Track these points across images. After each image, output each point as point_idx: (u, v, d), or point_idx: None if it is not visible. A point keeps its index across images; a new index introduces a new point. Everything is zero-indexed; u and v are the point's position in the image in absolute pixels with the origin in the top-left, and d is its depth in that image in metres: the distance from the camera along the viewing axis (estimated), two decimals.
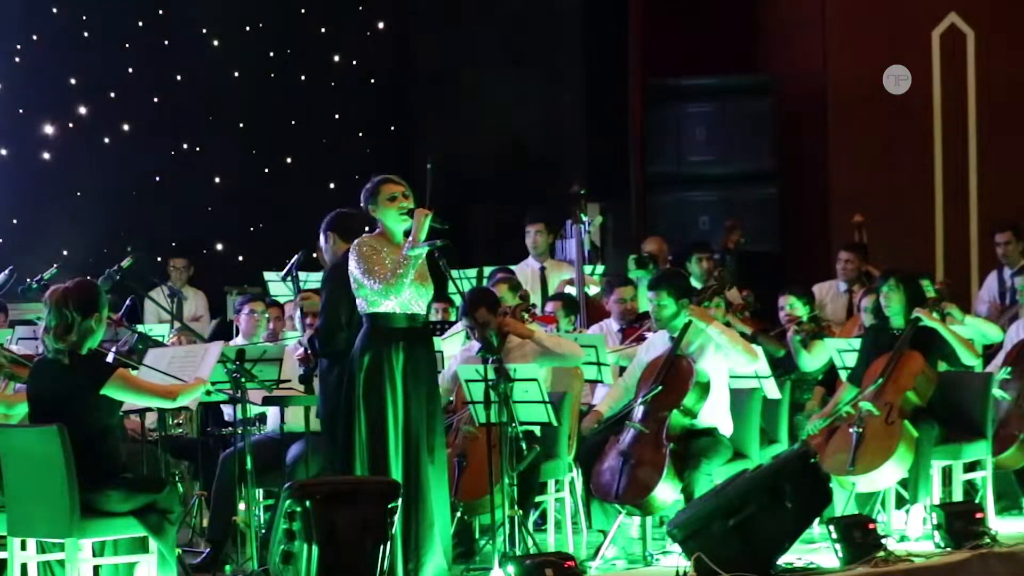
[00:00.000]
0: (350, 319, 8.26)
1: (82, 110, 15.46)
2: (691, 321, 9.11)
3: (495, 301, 9.47)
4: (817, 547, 8.93)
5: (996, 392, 9.84)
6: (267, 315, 10.70)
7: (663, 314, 9.21)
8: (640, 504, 8.80)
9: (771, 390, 9.74)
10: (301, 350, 9.49)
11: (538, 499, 9.22)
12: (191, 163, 15.78)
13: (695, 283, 12.23)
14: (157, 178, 15.68)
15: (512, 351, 9.24)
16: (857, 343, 9.90)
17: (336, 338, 8.40)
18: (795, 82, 15.62)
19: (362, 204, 8.14)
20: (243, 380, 8.54)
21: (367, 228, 8.31)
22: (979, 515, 9.00)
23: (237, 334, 10.83)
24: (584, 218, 12.48)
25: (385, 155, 15.72)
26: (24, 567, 7.54)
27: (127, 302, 11.71)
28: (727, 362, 9.07)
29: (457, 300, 11.24)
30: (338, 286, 8.34)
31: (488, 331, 9.12)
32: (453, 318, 11.38)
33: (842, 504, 9.29)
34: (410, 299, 7.95)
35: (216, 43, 15.93)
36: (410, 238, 7.93)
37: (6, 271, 12.32)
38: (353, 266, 7.97)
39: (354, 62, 16.26)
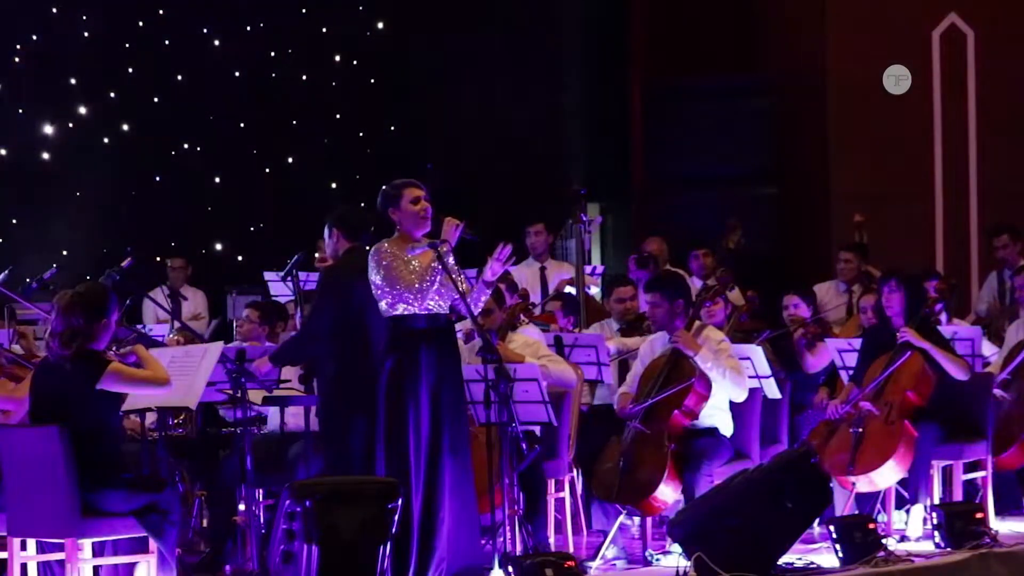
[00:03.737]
0: (334, 328, 8.27)
1: (82, 110, 15.47)
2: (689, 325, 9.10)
3: (500, 295, 9.48)
4: (817, 547, 8.93)
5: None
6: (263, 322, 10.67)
7: (659, 316, 9.20)
8: (640, 504, 8.80)
9: (771, 390, 9.74)
10: None
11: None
12: (191, 163, 15.78)
13: (696, 280, 12.25)
14: (157, 178, 15.69)
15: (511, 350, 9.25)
16: (857, 343, 9.89)
17: (302, 350, 8.47)
18: (795, 82, 15.63)
19: (380, 205, 8.08)
20: (243, 380, 8.55)
21: (372, 227, 8.31)
22: (979, 515, 9.00)
23: (237, 335, 10.83)
24: (584, 218, 12.50)
25: (385, 155, 15.72)
26: (24, 567, 7.54)
27: (127, 302, 11.71)
28: (718, 387, 9.03)
29: None
30: (329, 290, 8.34)
31: (487, 325, 9.12)
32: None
33: (842, 504, 9.29)
34: (431, 300, 7.93)
35: (216, 43, 15.93)
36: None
37: (6, 271, 12.32)
38: (374, 272, 7.95)
39: (354, 62, 16.27)
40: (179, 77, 15.75)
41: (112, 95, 15.58)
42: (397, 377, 7.90)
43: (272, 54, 16.03)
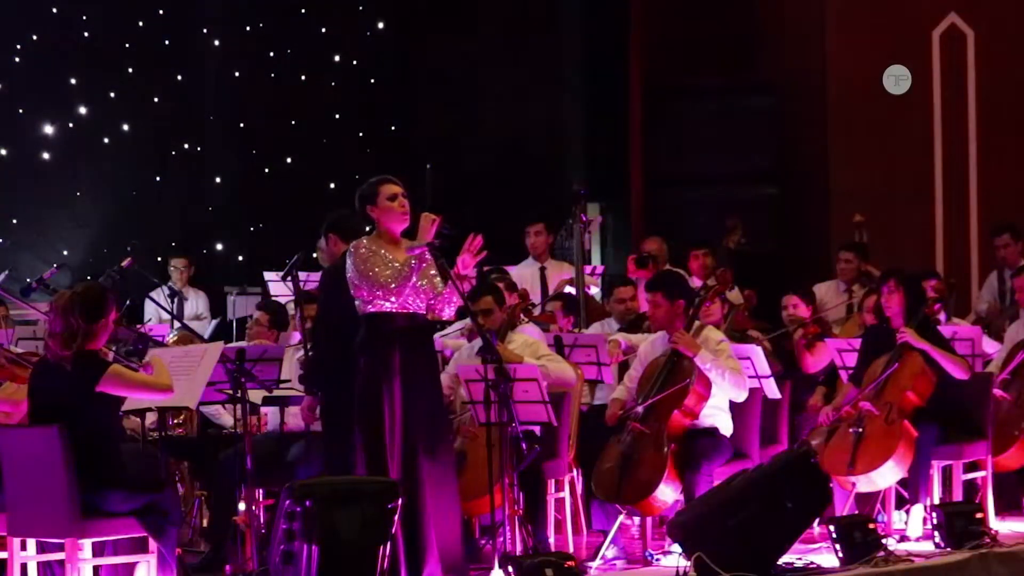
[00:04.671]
0: (345, 325, 8.26)
1: (82, 110, 15.48)
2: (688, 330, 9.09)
3: (502, 295, 9.49)
4: (817, 547, 8.93)
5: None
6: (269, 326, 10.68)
7: (659, 317, 9.20)
8: (640, 504, 8.80)
9: (771, 390, 9.74)
10: (302, 351, 9.49)
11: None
12: (191, 163, 15.79)
13: (696, 280, 12.24)
14: (157, 178, 15.70)
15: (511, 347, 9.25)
16: (857, 343, 9.89)
17: (318, 371, 8.45)
18: (795, 82, 15.62)
19: (358, 205, 8.05)
20: (243, 380, 8.55)
21: (368, 229, 8.30)
22: (979, 515, 9.00)
23: (237, 334, 10.84)
24: (584, 218, 12.49)
25: (385, 155, 15.73)
26: (24, 567, 7.54)
27: (127, 302, 11.71)
28: (717, 388, 9.03)
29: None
30: (334, 290, 8.33)
31: (488, 325, 9.13)
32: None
33: (842, 504, 9.29)
34: (409, 299, 7.91)
35: (216, 43, 15.94)
36: (417, 239, 7.90)
37: (6, 271, 12.33)
38: (350, 269, 7.93)
39: (354, 62, 16.27)
40: (179, 77, 15.76)
41: (112, 95, 15.58)
42: (371, 376, 7.86)
43: (272, 54, 16.03)
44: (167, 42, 15.68)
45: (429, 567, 7.78)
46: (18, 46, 15.24)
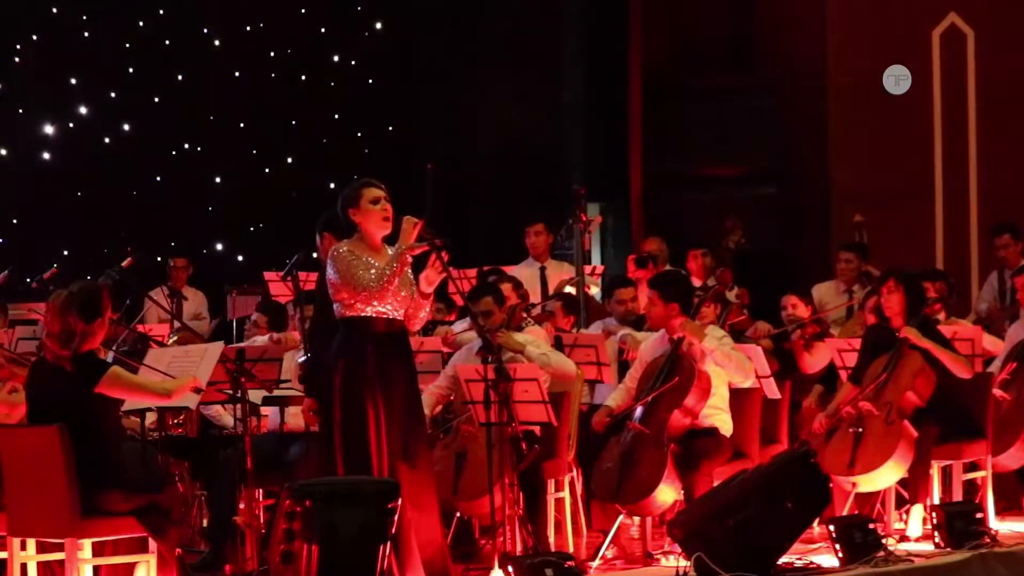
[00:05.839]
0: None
1: (82, 110, 15.48)
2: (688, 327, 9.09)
3: (501, 295, 9.49)
4: (817, 547, 8.93)
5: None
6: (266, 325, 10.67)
7: (654, 315, 9.21)
8: (640, 504, 8.80)
9: (771, 390, 9.73)
10: (302, 353, 9.48)
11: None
12: (191, 163, 15.80)
13: (695, 280, 12.24)
14: (157, 178, 15.71)
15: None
16: (857, 343, 9.89)
17: (317, 372, 8.41)
18: (795, 82, 15.62)
19: (340, 209, 7.96)
20: (243, 380, 8.54)
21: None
22: (979, 515, 9.00)
23: (237, 334, 10.84)
24: (584, 218, 12.50)
25: (385, 155, 15.73)
26: (24, 567, 7.54)
27: (127, 302, 11.72)
28: (724, 375, 9.05)
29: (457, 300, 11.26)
30: (326, 292, 8.32)
31: (487, 325, 9.13)
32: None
33: (842, 504, 9.29)
34: (389, 303, 7.89)
35: (216, 43, 15.94)
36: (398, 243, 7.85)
37: (6, 271, 12.33)
38: (331, 272, 7.88)
39: (354, 62, 16.28)
40: (179, 77, 15.77)
41: (112, 95, 15.59)
42: (350, 382, 7.79)
43: (272, 54, 16.04)
44: (167, 42, 15.68)
45: (415, 572, 7.76)
46: (18, 46, 15.24)
